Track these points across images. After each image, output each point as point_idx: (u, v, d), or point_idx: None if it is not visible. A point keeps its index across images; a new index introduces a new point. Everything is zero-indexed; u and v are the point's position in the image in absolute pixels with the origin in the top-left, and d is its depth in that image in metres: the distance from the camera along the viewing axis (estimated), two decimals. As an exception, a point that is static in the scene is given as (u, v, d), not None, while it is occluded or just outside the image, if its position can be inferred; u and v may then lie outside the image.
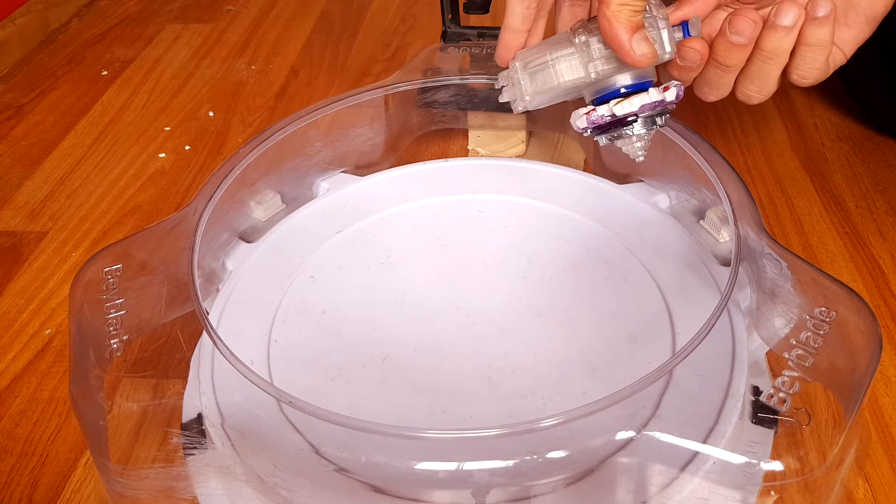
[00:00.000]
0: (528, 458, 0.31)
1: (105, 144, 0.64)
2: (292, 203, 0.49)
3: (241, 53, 0.78)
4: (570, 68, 0.36)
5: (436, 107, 0.57)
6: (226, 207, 0.44)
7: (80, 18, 0.87)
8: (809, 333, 0.33)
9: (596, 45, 0.35)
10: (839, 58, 0.38)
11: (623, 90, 0.35)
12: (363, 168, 0.52)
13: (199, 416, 0.35)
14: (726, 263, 0.42)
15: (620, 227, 0.45)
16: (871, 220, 0.51)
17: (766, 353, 0.37)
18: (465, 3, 0.57)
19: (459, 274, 0.43)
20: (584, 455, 0.32)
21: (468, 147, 0.60)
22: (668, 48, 0.35)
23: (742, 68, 0.37)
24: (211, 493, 0.34)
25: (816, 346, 0.32)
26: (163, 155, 0.62)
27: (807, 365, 0.32)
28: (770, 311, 0.36)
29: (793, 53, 0.36)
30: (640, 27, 0.33)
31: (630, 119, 0.36)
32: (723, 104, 0.64)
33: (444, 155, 0.60)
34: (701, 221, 0.45)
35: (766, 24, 0.35)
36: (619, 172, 0.50)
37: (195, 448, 0.35)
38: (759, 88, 0.37)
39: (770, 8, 0.35)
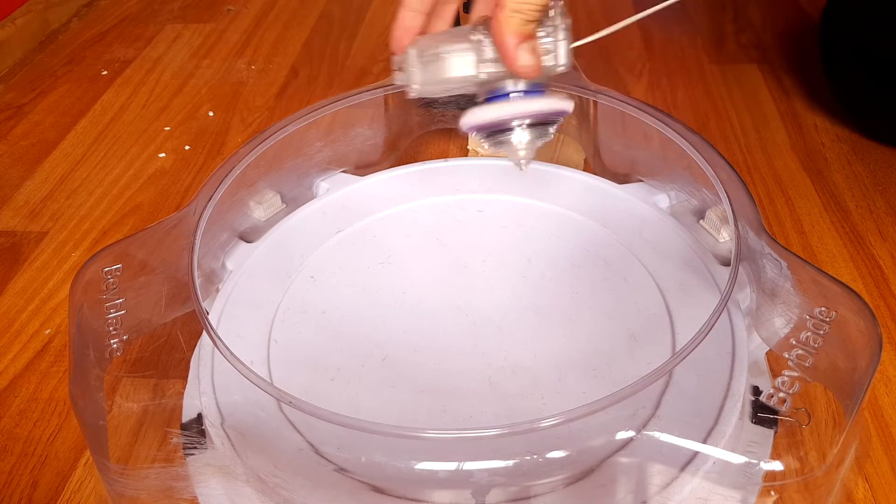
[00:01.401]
0: (528, 458, 0.31)
1: (105, 144, 0.64)
2: (292, 203, 0.49)
3: (241, 53, 0.78)
4: (461, 64, 0.34)
5: (436, 107, 0.57)
6: (225, 207, 0.44)
7: (80, 18, 0.87)
8: (809, 333, 0.33)
9: (489, 47, 0.33)
10: None
11: (512, 95, 0.34)
12: (363, 168, 0.52)
13: (199, 416, 0.35)
14: (726, 263, 0.42)
15: (620, 227, 0.45)
16: (871, 220, 0.51)
17: (766, 353, 0.37)
18: (464, 3, 0.57)
19: (459, 274, 0.43)
20: (584, 455, 0.32)
21: (468, 147, 0.60)
22: (563, 59, 0.33)
23: None
24: (211, 493, 0.34)
25: (816, 346, 0.32)
26: (163, 155, 0.62)
27: (807, 365, 0.32)
28: (770, 311, 0.36)
29: None
30: (529, 37, 0.31)
31: (513, 125, 0.34)
32: (723, 103, 0.64)
33: (444, 155, 0.60)
34: (701, 221, 0.45)
35: None
36: (619, 172, 0.50)
37: (195, 448, 0.35)
38: None
39: None
